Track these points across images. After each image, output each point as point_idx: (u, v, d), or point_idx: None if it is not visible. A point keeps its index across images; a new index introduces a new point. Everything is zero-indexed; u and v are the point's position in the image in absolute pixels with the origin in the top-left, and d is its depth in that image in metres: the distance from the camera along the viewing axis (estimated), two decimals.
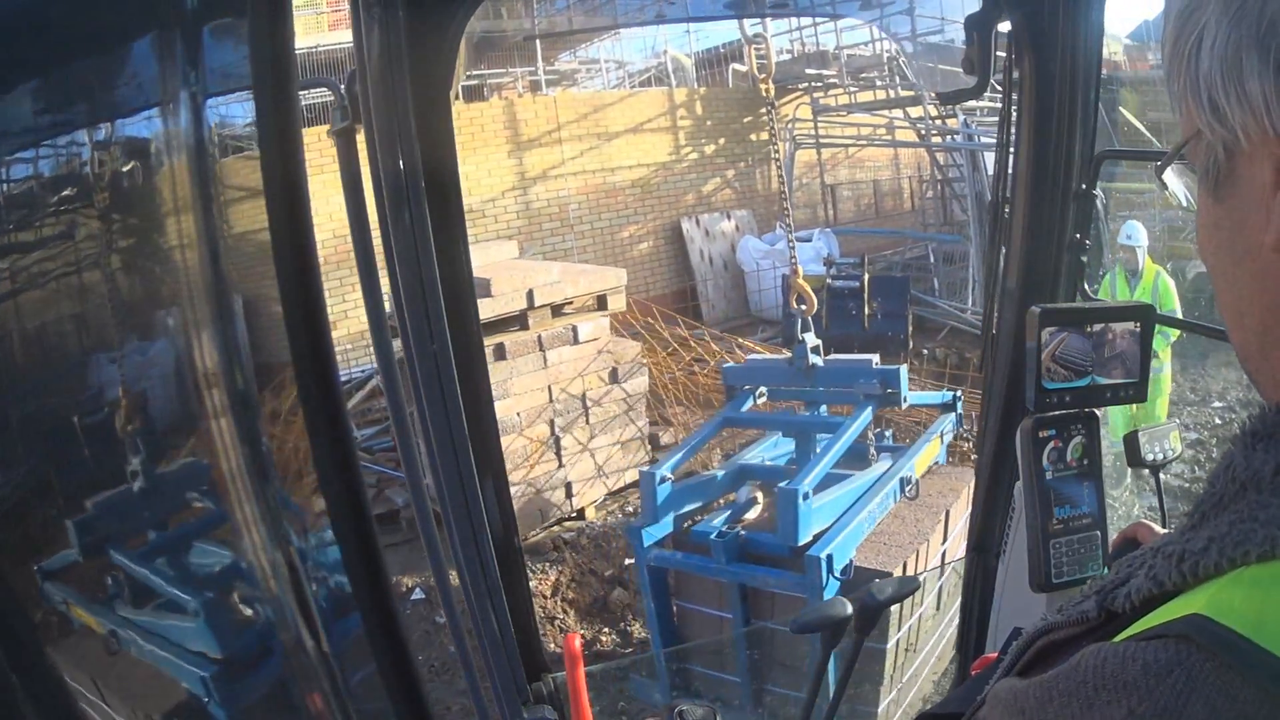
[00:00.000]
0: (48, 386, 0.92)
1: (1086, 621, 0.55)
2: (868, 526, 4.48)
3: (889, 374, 4.87)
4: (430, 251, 1.48)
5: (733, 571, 4.51)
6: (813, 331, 5.03)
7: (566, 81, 15.98)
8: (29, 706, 0.78)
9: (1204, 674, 0.43)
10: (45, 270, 0.89)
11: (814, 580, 4.13)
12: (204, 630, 1.06)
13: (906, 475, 4.78)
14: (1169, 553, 0.51)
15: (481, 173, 11.23)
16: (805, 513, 4.23)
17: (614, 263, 10.57)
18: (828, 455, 4.54)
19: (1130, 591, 0.52)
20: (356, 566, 1.21)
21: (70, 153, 0.90)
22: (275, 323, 1.05)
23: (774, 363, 5.46)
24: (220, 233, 0.94)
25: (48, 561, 0.91)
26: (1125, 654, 0.46)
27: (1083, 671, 0.47)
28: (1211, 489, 0.52)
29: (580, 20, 13.12)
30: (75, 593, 0.94)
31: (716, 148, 12.95)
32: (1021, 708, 0.50)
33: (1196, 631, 0.45)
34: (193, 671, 1.04)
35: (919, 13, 9.77)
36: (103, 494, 0.95)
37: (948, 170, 12.41)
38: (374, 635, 1.26)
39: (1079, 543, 1.34)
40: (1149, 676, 0.44)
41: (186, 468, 1.05)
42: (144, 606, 1.02)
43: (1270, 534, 0.47)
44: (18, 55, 0.81)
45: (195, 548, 1.09)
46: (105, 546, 0.98)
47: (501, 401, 6.47)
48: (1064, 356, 1.28)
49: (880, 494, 4.60)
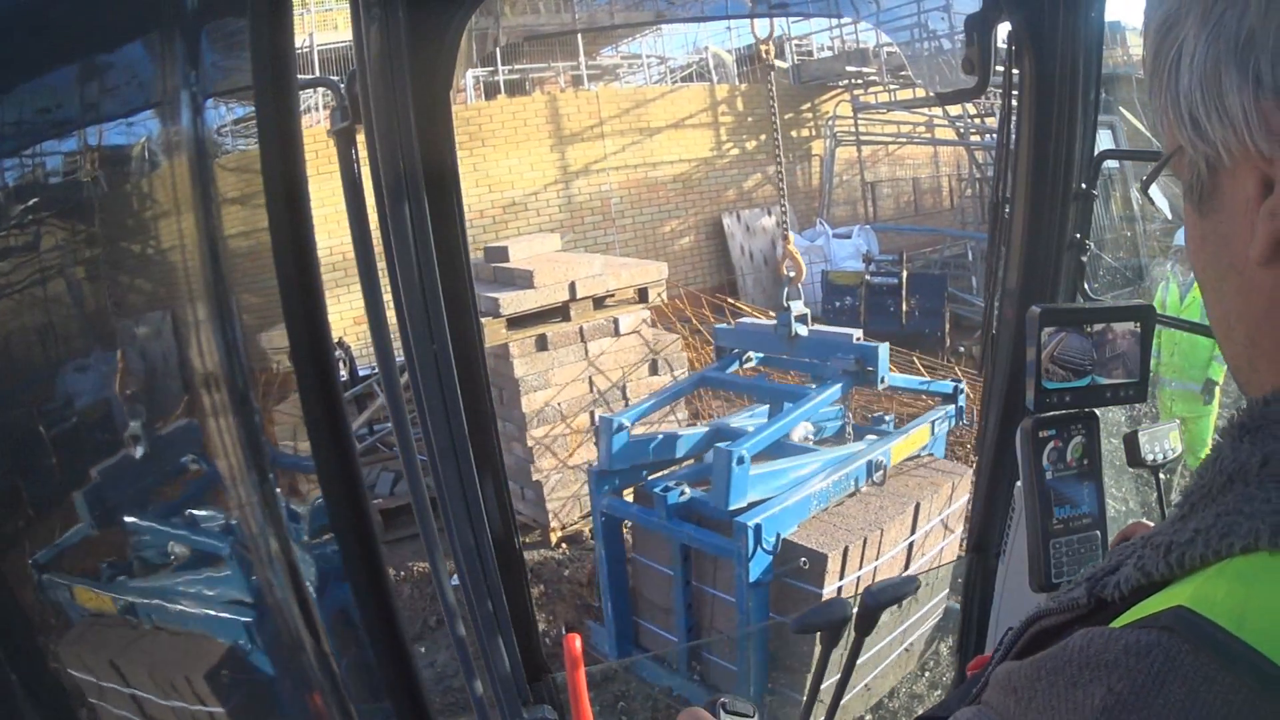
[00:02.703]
0: (44, 386, 0.92)
1: (1077, 608, 0.57)
2: (816, 504, 4.37)
3: (866, 351, 4.77)
4: (430, 251, 1.49)
5: (671, 528, 4.49)
6: (800, 300, 4.97)
7: (608, 76, 16.09)
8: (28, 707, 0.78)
9: (1182, 656, 0.44)
10: (44, 270, 0.89)
11: (740, 547, 4.09)
12: (201, 629, 1.06)
13: (877, 460, 4.64)
14: (1157, 543, 0.52)
15: (525, 166, 11.35)
16: (740, 476, 4.15)
17: (655, 257, 10.63)
18: (775, 425, 4.48)
19: (1119, 580, 0.54)
20: (356, 566, 1.21)
21: (70, 152, 0.90)
22: (275, 322, 1.05)
23: (764, 328, 5.35)
24: (220, 232, 0.94)
25: (42, 555, 0.91)
26: (1109, 637, 0.47)
27: (1069, 652, 0.49)
28: (1200, 481, 0.53)
29: (621, 15, 13.21)
30: (68, 585, 0.95)
31: (757, 144, 13.04)
32: (1014, 686, 0.51)
33: (1179, 624, 0.46)
34: (192, 670, 1.04)
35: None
36: (101, 493, 0.96)
37: (986, 168, 12.44)
38: (374, 634, 1.26)
39: (1079, 543, 1.34)
40: (1129, 656, 0.46)
41: (185, 467, 1.05)
42: (141, 605, 1.02)
43: (1255, 526, 0.47)
44: (17, 55, 0.81)
45: (193, 547, 1.09)
46: (102, 546, 0.98)
47: (543, 392, 6.56)
48: (1064, 356, 1.28)
49: (838, 475, 4.47)
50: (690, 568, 4.60)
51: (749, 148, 13.02)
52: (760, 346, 5.32)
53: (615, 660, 5.06)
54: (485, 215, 11.16)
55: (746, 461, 4.17)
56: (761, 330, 5.40)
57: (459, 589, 1.59)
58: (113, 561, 1.00)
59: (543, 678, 1.85)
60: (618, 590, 5.00)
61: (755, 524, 4.07)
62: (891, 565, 4.48)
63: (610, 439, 4.77)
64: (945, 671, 4.67)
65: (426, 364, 1.51)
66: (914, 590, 1.80)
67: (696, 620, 4.68)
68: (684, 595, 4.62)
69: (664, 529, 4.55)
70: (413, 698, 1.32)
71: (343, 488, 1.16)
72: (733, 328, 5.78)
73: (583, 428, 6.77)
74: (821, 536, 4.25)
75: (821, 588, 4.09)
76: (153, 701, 1.02)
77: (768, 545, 4.12)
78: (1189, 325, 5.43)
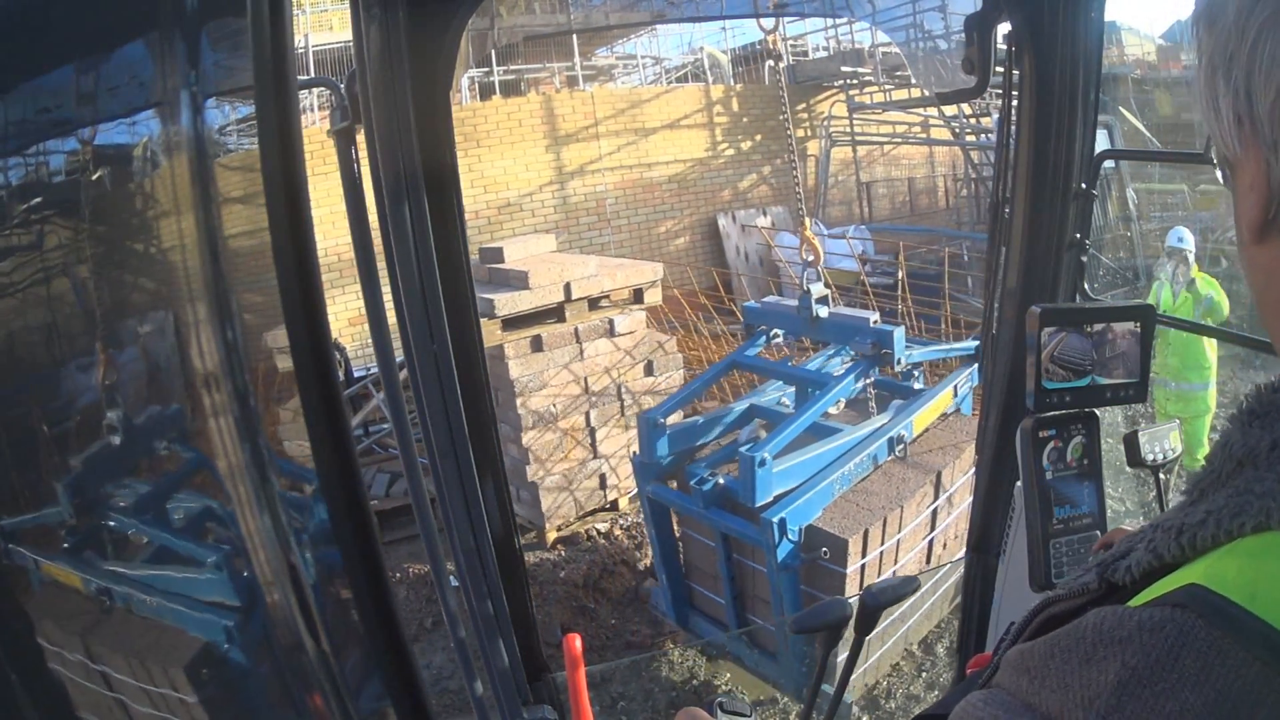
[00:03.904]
0: (44, 386, 0.92)
1: (1087, 592, 0.57)
2: (839, 488, 4.61)
3: (883, 334, 4.97)
4: (430, 251, 1.48)
5: (708, 516, 4.79)
6: (820, 283, 5.20)
7: (603, 77, 16.09)
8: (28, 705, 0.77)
9: (1195, 631, 0.45)
10: (44, 269, 0.89)
11: (768, 539, 4.34)
12: (202, 629, 1.06)
13: (898, 435, 4.84)
14: (1168, 527, 0.53)
15: (519, 167, 11.34)
16: (764, 477, 4.39)
17: (650, 257, 10.70)
18: (796, 421, 4.67)
19: (1131, 564, 0.54)
20: (356, 566, 1.21)
21: (70, 152, 0.90)
22: (275, 322, 1.05)
23: (789, 308, 5.60)
24: (220, 232, 0.93)
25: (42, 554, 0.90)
26: (1123, 615, 0.48)
27: (1083, 629, 0.50)
28: (1210, 466, 0.54)
29: (617, 16, 13.27)
30: (69, 583, 0.94)
31: (753, 144, 13.05)
32: (1027, 666, 0.52)
33: (1192, 600, 0.46)
34: (192, 670, 1.04)
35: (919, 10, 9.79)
36: (101, 492, 0.95)
37: (982, 169, 12.47)
38: (374, 634, 1.26)
39: (1079, 543, 1.34)
40: (1143, 632, 0.46)
41: (185, 467, 1.05)
42: (140, 605, 1.02)
43: (1265, 506, 0.48)
44: (16, 55, 0.81)
45: (193, 547, 1.09)
46: (100, 544, 0.98)
47: (538, 393, 6.57)
48: (1064, 356, 1.28)
49: (859, 456, 4.70)
50: (730, 545, 4.91)
51: (744, 148, 13.02)
52: (785, 325, 5.57)
53: (673, 619, 5.51)
54: (480, 216, 11.15)
55: (769, 463, 4.39)
56: (787, 309, 5.64)
57: (459, 589, 1.58)
58: (111, 561, 1.00)
59: (543, 678, 1.85)
60: (670, 563, 5.41)
61: (780, 519, 4.30)
62: (915, 534, 4.71)
63: (649, 432, 5.06)
64: (944, 671, 4.67)
65: (426, 364, 1.51)
66: (914, 590, 1.80)
67: (739, 589, 5.02)
68: (727, 569, 4.96)
69: (700, 517, 4.86)
70: (413, 698, 1.32)
71: (342, 487, 1.16)
72: (760, 306, 6.04)
73: (578, 429, 6.78)
74: (844, 520, 4.48)
75: (845, 568, 4.36)
76: (153, 701, 1.02)
77: (793, 535, 4.36)
78: (1189, 325, 5.43)
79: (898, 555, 4.61)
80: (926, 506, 4.75)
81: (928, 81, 2.08)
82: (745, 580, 4.97)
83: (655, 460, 5.14)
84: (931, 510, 4.79)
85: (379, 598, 1.24)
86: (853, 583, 4.37)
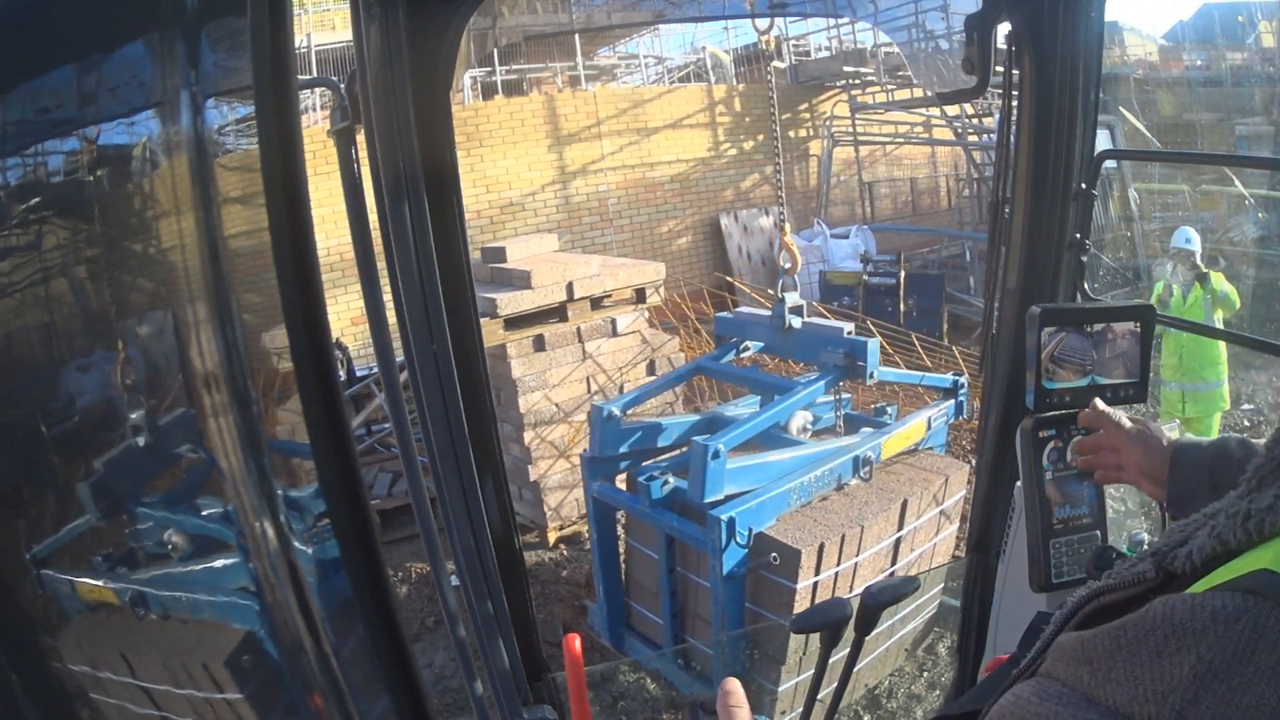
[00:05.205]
0: (45, 385, 0.92)
1: (1143, 581, 0.56)
2: (797, 498, 4.35)
3: (856, 346, 4.72)
4: (430, 251, 1.48)
5: (653, 516, 4.53)
6: (796, 291, 4.96)
7: (606, 77, 16.08)
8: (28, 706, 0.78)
9: (1271, 622, 0.45)
10: (44, 269, 0.89)
11: (714, 540, 4.09)
12: (202, 628, 1.06)
13: (865, 455, 4.60)
14: (1232, 513, 0.52)
15: (522, 167, 11.36)
16: (715, 470, 4.14)
17: (653, 257, 10.69)
18: (756, 419, 4.48)
19: (1191, 551, 0.53)
20: (356, 566, 1.21)
21: (71, 152, 0.90)
22: (275, 322, 1.05)
23: (762, 318, 5.34)
24: (220, 232, 0.93)
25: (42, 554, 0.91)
26: (1194, 604, 0.47)
27: (1152, 619, 0.48)
28: (1271, 455, 0.54)
29: (619, 15, 13.27)
30: (69, 583, 0.94)
31: (755, 144, 13.06)
32: (1089, 657, 0.50)
33: (1265, 585, 0.46)
34: (192, 669, 1.04)
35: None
36: (100, 492, 0.95)
37: (984, 169, 12.47)
38: (374, 633, 1.26)
39: (1079, 543, 1.34)
40: (1217, 623, 0.45)
41: (185, 467, 1.05)
42: (140, 605, 1.02)
43: None
44: (16, 55, 0.81)
45: (193, 547, 1.09)
46: (100, 545, 0.98)
47: (540, 392, 6.58)
48: (1064, 356, 1.28)
49: (821, 469, 4.45)
50: (675, 555, 4.64)
51: (746, 148, 13.03)
52: (757, 336, 5.32)
53: (607, 639, 5.14)
54: (482, 216, 11.17)
55: (722, 455, 4.14)
56: (759, 320, 5.40)
57: (459, 589, 1.58)
58: (111, 560, 1.00)
59: (543, 678, 1.85)
60: (609, 572, 5.08)
61: (729, 517, 4.07)
62: (875, 561, 4.44)
63: (601, 426, 4.81)
64: (944, 671, 4.66)
65: (426, 364, 1.51)
66: (914, 590, 1.80)
67: (680, 605, 4.73)
68: (668, 581, 4.66)
69: (648, 518, 4.59)
70: (413, 698, 1.32)
71: (343, 487, 1.16)
72: (732, 316, 5.77)
73: (582, 426, 6.79)
74: (799, 531, 4.21)
75: (795, 582, 4.07)
76: (153, 700, 1.02)
77: (741, 539, 4.12)
78: (1188, 325, 5.42)
79: (854, 582, 4.32)
80: (890, 534, 4.49)
81: (928, 81, 2.08)
82: (687, 595, 4.67)
83: (605, 456, 4.86)
84: (894, 540, 4.52)
85: (379, 597, 1.24)
86: (802, 600, 4.07)
